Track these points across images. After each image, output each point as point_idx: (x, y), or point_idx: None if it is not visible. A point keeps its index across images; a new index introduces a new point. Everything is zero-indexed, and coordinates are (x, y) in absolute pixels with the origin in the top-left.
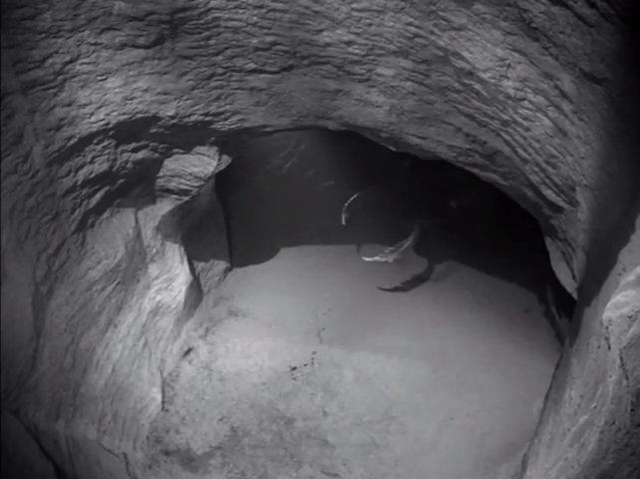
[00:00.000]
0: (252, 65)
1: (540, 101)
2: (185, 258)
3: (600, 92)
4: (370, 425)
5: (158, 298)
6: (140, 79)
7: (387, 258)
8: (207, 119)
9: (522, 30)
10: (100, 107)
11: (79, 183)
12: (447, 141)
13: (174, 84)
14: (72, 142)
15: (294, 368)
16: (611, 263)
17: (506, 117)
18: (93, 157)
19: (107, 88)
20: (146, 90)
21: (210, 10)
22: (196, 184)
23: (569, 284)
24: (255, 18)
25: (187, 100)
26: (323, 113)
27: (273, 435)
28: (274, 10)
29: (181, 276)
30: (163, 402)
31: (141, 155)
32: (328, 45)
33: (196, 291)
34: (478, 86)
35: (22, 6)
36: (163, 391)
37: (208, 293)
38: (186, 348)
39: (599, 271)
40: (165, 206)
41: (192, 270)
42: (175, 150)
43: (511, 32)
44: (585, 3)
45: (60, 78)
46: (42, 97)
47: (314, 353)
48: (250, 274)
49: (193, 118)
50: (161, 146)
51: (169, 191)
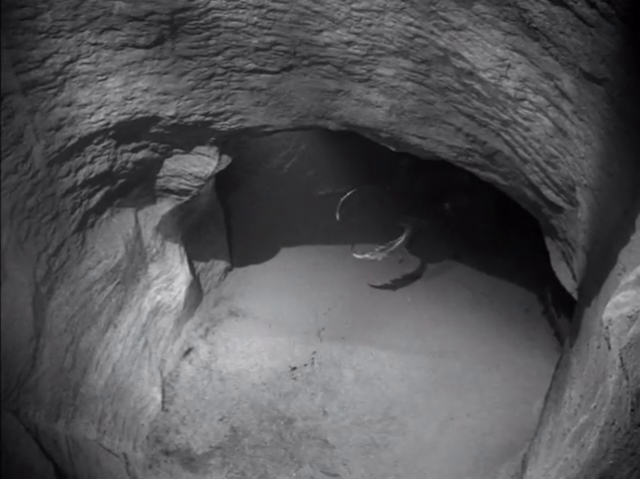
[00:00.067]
0: (252, 65)
1: (540, 101)
2: (186, 258)
3: (600, 92)
4: (370, 425)
5: (158, 298)
6: (140, 79)
7: (376, 257)
8: (207, 119)
9: (522, 30)
10: (100, 107)
11: (79, 183)
12: (447, 141)
13: (175, 84)
14: (72, 142)
15: (294, 368)
16: (611, 263)
17: (506, 117)
18: (93, 157)
19: (107, 88)
20: (146, 90)
21: (210, 10)
22: (196, 184)
23: (569, 284)
24: (255, 18)
25: (187, 100)
26: (323, 113)
27: (273, 435)
28: (274, 10)
29: (182, 276)
30: (164, 402)
31: (141, 155)
32: (328, 45)
33: (196, 291)
34: (478, 86)
35: (22, 6)
36: (164, 391)
37: (208, 293)
38: (187, 348)
39: (599, 271)
40: (166, 206)
41: (192, 270)
42: (176, 150)
43: (512, 32)
44: (585, 3)
45: (60, 78)
46: (42, 97)
47: (314, 353)
48: (250, 274)
49: (193, 118)
50: (162, 146)
51: (170, 191)
